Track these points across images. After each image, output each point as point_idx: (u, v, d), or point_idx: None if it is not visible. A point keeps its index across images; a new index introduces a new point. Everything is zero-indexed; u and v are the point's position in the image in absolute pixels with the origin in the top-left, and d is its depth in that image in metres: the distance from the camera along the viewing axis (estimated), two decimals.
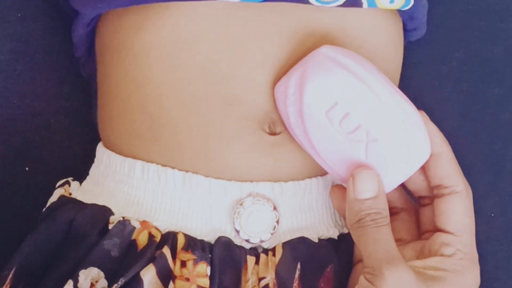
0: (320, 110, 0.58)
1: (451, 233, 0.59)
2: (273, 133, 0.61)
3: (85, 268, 0.59)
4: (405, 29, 0.68)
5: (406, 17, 0.66)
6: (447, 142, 0.61)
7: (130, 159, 0.63)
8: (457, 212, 0.59)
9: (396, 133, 0.57)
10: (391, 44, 0.65)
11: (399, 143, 0.58)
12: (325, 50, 0.58)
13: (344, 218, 0.63)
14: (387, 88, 0.58)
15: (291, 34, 0.60)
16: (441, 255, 0.59)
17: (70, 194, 0.66)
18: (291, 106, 0.59)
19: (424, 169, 0.61)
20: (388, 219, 0.58)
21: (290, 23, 0.60)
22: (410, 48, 0.70)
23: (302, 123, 0.59)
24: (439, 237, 0.59)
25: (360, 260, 0.62)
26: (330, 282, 0.61)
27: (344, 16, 0.62)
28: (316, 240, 0.62)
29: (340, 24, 0.61)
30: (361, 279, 0.56)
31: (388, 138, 0.57)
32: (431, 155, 0.60)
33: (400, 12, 0.65)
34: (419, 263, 0.58)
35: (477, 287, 0.59)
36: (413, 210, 0.64)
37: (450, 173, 0.60)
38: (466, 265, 0.58)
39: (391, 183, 0.59)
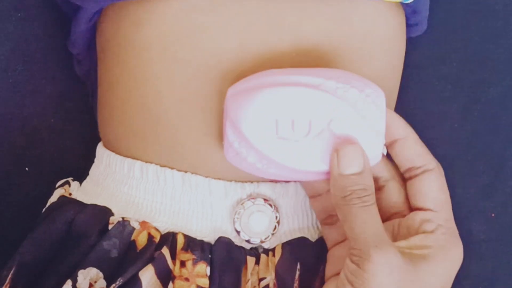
0: (271, 137, 0.56)
1: (430, 210, 0.58)
2: None
3: (84, 268, 0.59)
4: (407, 24, 0.67)
5: (409, 11, 0.66)
6: (408, 124, 0.60)
7: (129, 160, 0.63)
8: (434, 188, 0.59)
9: (343, 104, 0.56)
10: (394, 36, 0.64)
11: (353, 113, 0.57)
12: (231, 91, 0.57)
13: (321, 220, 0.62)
14: (308, 71, 0.57)
15: (294, 25, 0.60)
16: (423, 232, 0.58)
17: (70, 194, 0.66)
18: (249, 156, 0.57)
19: (388, 153, 0.60)
20: (374, 198, 0.57)
21: (292, 14, 0.60)
22: (410, 48, 0.70)
23: (267, 159, 0.57)
24: (417, 214, 0.59)
25: (336, 244, 0.61)
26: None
27: (347, 7, 0.61)
28: None
29: (343, 15, 0.61)
30: (347, 261, 0.55)
31: (342, 115, 0.56)
32: (397, 140, 0.59)
33: (403, 5, 0.65)
34: (403, 243, 0.57)
35: (460, 263, 0.58)
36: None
37: (420, 153, 0.59)
38: (450, 240, 0.57)
39: (374, 158, 0.58)
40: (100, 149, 0.66)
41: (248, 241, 0.62)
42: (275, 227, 0.62)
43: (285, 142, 0.57)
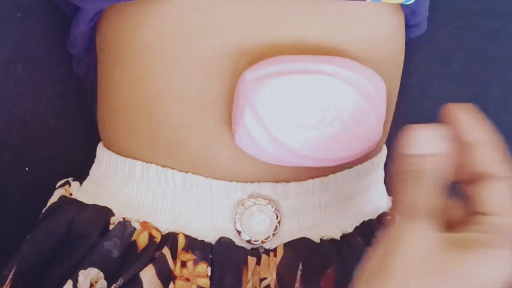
0: (289, 124, 0.58)
1: (489, 214, 0.54)
2: None
3: (85, 268, 0.59)
4: (406, 25, 0.68)
5: (409, 12, 0.66)
6: (489, 130, 0.57)
7: (130, 160, 0.63)
8: (498, 195, 0.55)
9: (350, 91, 0.58)
10: (393, 38, 0.64)
11: (363, 101, 0.58)
12: (250, 75, 0.58)
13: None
14: (321, 59, 0.58)
15: (293, 27, 0.60)
16: (474, 231, 0.54)
17: (71, 194, 0.66)
18: (262, 142, 0.58)
19: (466, 155, 0.57)
20: (435, 177, 0.54)
21: (292, 15, 0.60)
22: (410, 47, 0.70)
23: (281, 144, 0.58)
24: (475, 217, 0.54)
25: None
26: (332, 283, 0.61)
27: (347, 8, 0.61)
28: (318, 241, 0.62)
29: (343, 16, 0.61)
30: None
31: (353, 104, 0.58)
32: (470, 143, 0.56)
33: (402, 6, 0.65)
34: (450, 234, 0.53)
35: (510, 272, 0.53)
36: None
37: (493, 161, 0.56)
38: (500, 241, 0.53)
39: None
40: (100, 149, 0.66)
41: (249, 241, 0.62)
42: (276, 227, 0.62)
43: (301, 129, 0.58)
